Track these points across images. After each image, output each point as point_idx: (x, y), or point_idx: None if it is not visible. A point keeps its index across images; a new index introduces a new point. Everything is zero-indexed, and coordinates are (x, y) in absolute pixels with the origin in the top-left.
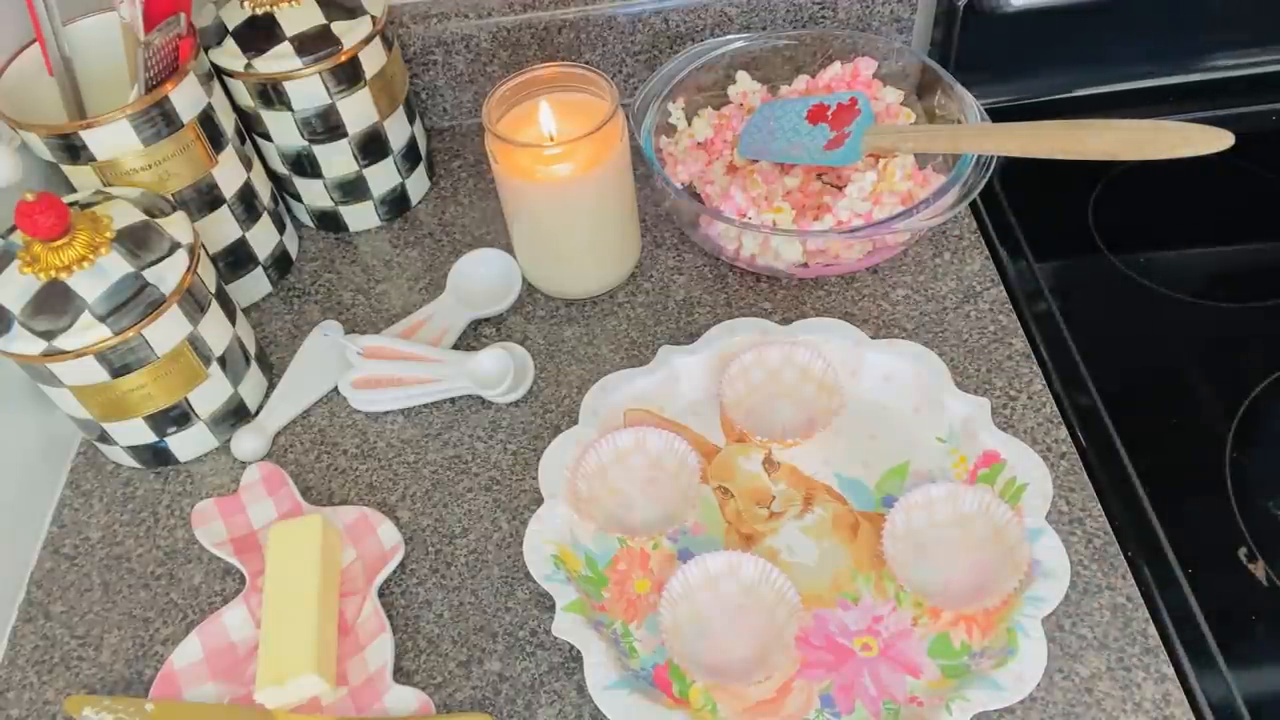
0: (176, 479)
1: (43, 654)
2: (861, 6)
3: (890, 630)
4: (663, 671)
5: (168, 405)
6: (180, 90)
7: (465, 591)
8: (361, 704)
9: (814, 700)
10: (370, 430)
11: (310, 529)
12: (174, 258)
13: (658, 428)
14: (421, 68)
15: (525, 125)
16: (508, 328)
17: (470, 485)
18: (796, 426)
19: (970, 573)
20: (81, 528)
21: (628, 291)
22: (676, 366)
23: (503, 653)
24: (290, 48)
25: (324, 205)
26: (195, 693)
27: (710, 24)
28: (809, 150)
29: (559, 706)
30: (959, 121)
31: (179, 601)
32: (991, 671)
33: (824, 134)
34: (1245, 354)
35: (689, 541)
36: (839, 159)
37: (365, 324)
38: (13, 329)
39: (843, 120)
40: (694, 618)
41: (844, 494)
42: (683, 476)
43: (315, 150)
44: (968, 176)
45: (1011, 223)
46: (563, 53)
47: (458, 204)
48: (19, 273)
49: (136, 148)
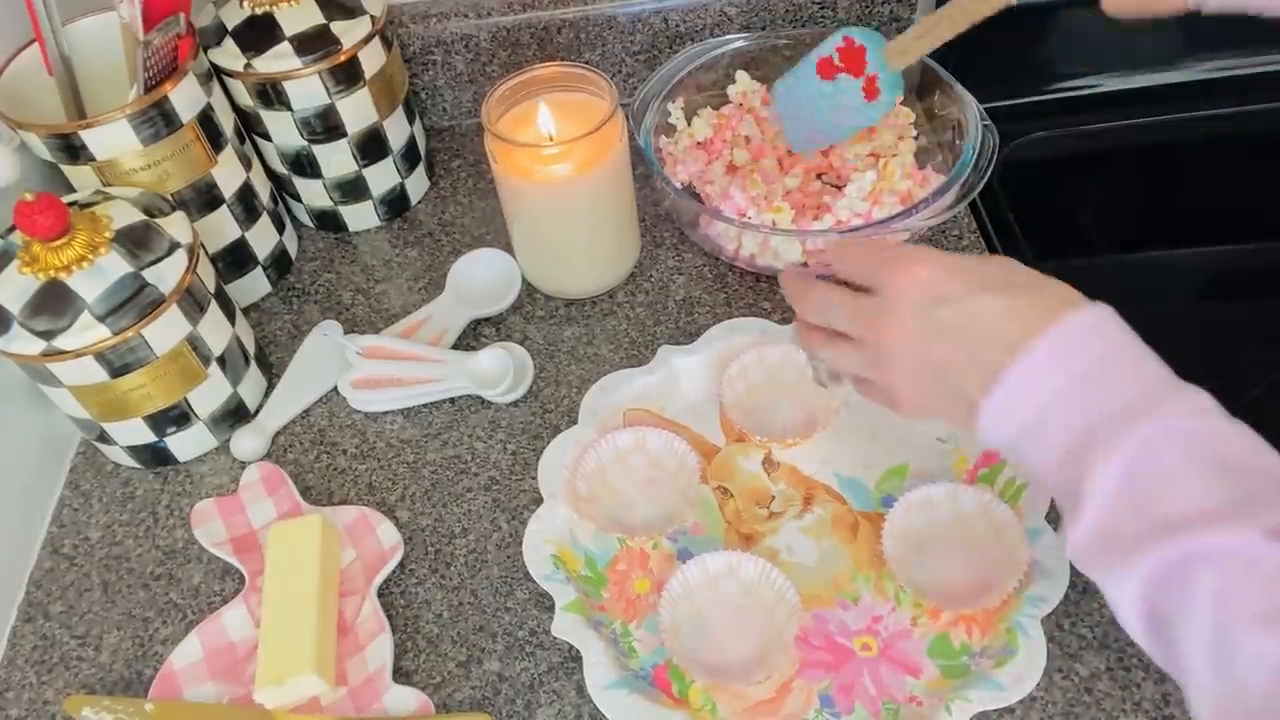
0: (176, 479)
1: (42, 654)
2: (861, 6)
3: (890, 630)
4: (662, 671)
5: (167, 405)
6: (179, 90)
7: (465, 591)
8: (361, 704)
9: (813, 700)
10: (370, 430)
11: (310, 529)
12: (173, 258)
13: (657, 428)
14: (421, 68)
15: (525, 125)
16: (507, 327)
17: (470, 485)
18: (796, 426)
19: (970, 573)
20: (81, 528)
21: (627, 291)
22: (676, 366)
23: (502, 653)
24: (290, 47)
25: (323, 205)
26: (195, 693)
27: (710, 23)
28: (858, 111)
29: (558, 706)
30: (958, 123)
31: (179, 601)
32: (991, 671)
33: (855, 87)
34: (1245, 354)
35: (689, 541)
36: (887, 103)
37: (365, 324)
38: (12, 329)
39: (856, 64)
40: (694, 618)
41: (844, 494)
42: (682, 476)
43: (315, 150)
44: (967, 176)
45: (1011, 223)
46: (562, 52)
47: (457, 204)
48: (18, 273)
49: (136, 148)
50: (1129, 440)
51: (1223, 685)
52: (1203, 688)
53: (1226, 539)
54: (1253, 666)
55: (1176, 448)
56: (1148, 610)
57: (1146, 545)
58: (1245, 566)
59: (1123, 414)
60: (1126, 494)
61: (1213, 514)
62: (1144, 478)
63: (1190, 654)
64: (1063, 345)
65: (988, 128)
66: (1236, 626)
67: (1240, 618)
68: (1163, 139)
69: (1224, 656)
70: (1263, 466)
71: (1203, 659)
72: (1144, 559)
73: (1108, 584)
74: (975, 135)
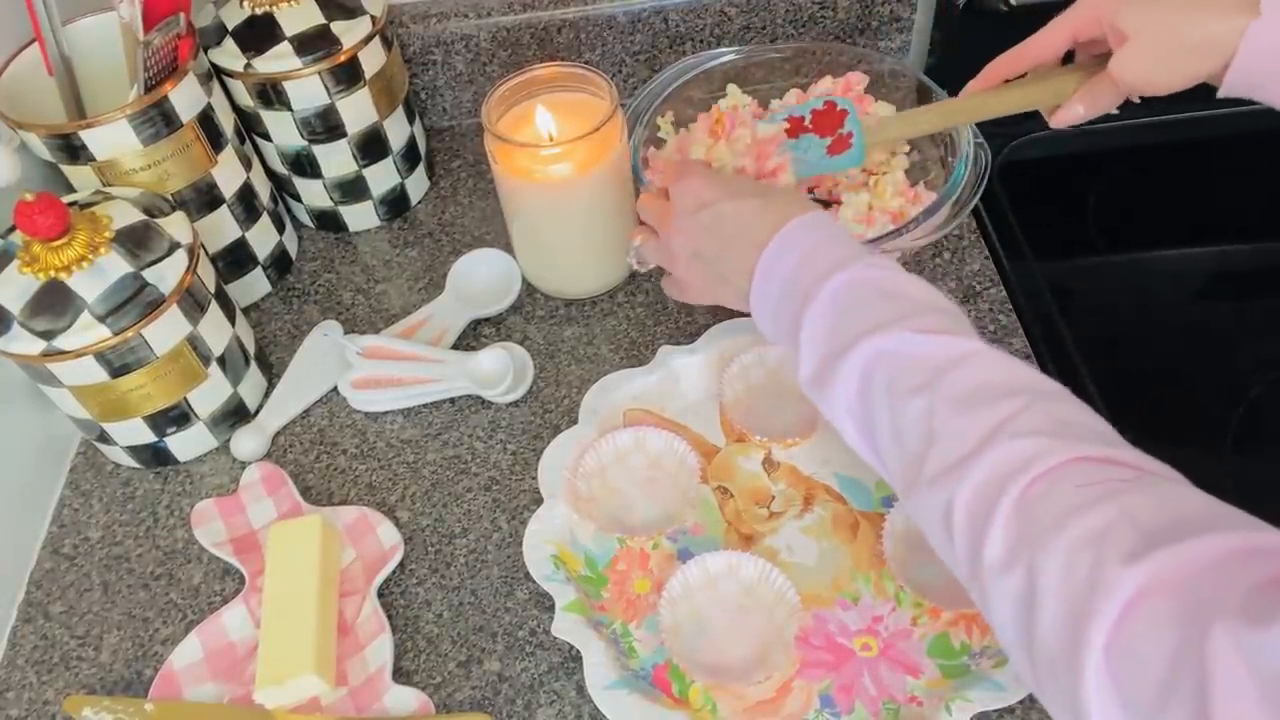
0: (176, 479)
1: (42, 654)
2: (861, 6)
3: (890, 630)
4: (662, 671)
5: (167, 405)
6: (179, 90)
7: (465, 591)
8: (361, 704)
9: (813, 700)
10: (370, 430)
11: (310, 529)
12: (173, 258)
13: (657, 428)
14: (421, 68)
15: (525, 125)
16: (507, 328)
17: (470, 485)
18: (796, 426)
19: None
20: (81, 528)
21: (627, 291)
22: (676, 366)
23: (502, 653)
24: (290, 48)
25: (324, 205)
26: (195, 693)
27: (710, 24)
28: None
29: (558, 706)
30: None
31: (179, 601)
32: (991, 671)
33: (820, 145)
34: (1245, 354)
35: (689, 541)
36: (854, 159)
37: (365, 324)
38: (12, 329)
39: (827, 125)
40: (694, 618)
41: (844, 494)
42: (682, 476)
43: (315, 150)
44: (959, 195)
45: (1011, 223)
46: (562, 53)
47: (457, 204)
48: (18, 273)
49: (136, 148)
50: (830, 285)
51: (900, 447)
52: (888, 453)
53: (886, 341)
54: (912, 429)
55: (863, 287)
56: (855, 412)
57: (844, 358)
58: (901, 357)
59: (828, 270)
60: (832, 322)
61: (878, 326)
62: (842, 311)
63: (881, 432)
64: (792, 236)
65: (980, 145)
66: (899, 402)
67: (900, 395)
68: (1163, 139)
69: (897, 428)
70: (916, 295)
71: (888, 436)
72: (844, 367)
73: (827, 401)
74: (968, 153)
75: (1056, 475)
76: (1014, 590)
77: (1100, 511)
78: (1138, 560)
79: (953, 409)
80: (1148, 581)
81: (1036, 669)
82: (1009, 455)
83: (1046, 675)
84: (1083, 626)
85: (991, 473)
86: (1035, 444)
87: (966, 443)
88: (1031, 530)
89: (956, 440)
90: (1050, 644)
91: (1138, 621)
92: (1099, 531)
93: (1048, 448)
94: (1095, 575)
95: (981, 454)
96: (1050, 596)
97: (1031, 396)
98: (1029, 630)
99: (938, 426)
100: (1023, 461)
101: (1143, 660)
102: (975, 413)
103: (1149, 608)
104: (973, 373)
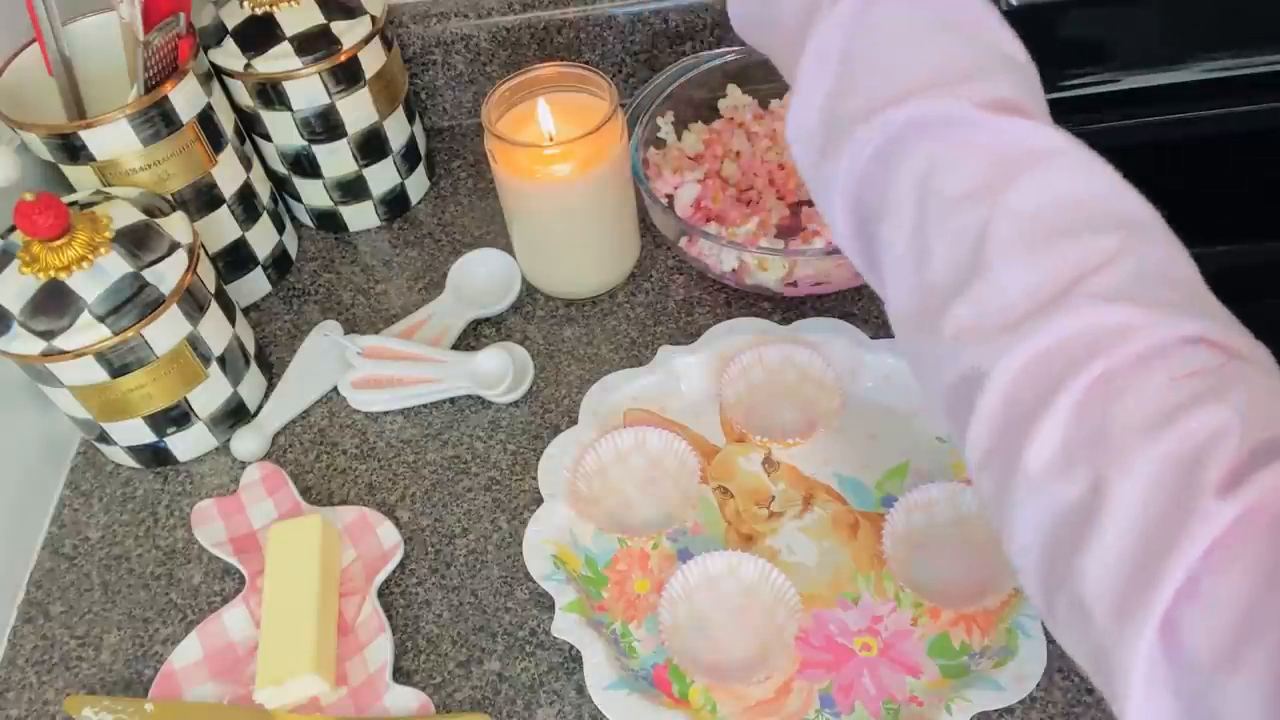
0: (176, 479)
1: (42, 654)
2: None
3: (890, 630)
4: (662, 671)
5: (167, 405)
6: (180, 90)
7: (465, 591)
8: (361, 704)
9: (813, 700)
10: (370, 430)
11: (310, 529)
12: (173, 258)
13: (658, 428)
14: (421, 68)
15: (525, 125)
16: (507, 327)
17: (470, 485)
18: (796, 426)
19: (970, 573)
20: (81, 528)
21: (627, 291)
22: (676, 366)
23: (502, 653)
24: (290, 48)
25: (324, 205)
26: (195, 693)
27: (710, 23)
28: None
29: (558, 706)
30: None
31: (178, 601)
32: (991, 671)
33: None
34: None
35: (689, 541)
36: None
37: (365, 324)
38: (12, 329)
39: None
40: (694, 618)
41: (844, 494)
42: (682, 476)
43: (315, 150)
44: None
45: None
46: (562, 52)
47: (457, 204)
48: (18, 273)
49: (136, 148)
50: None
51: (921, 267)
52: (896, 269)
53: (935, 106)
54: (949, 249)
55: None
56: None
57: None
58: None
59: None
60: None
61: (926, 83)
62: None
63: (894, 239)
64: None
65: None
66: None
67: (942, 197)
68: (1163, 139)
69: (923, 242)
70: (989, 34)
71: (906, 247)
72: (861, 134)
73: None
74: None
75: (1147, 361)
76: (1062, 505)
77: (1206, 415)
78: (1238, 485)
79: (1019, 238)
80: (1244, 513)
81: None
82: (1085, 326)
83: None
84: (1153, 566)
85: (1056, 346)
86: (1123, 313)
87: (1026, 292)
88: (1107, 432)
89: (1013, 285)
90: (1100, 579)
91: (1220, 564)
92: (1201, 443)
93: (1141, 320)
94: (1187, 501)
95: (1045, 316)
96: (1119, 521)
97: (1125, 233)
98: (1069, 558)
99: (993, 256)
100: (1104, 338)
101: (1215, 610)
102: (1048, 250)
103: (1237, 548)
104: (1051, 183)
